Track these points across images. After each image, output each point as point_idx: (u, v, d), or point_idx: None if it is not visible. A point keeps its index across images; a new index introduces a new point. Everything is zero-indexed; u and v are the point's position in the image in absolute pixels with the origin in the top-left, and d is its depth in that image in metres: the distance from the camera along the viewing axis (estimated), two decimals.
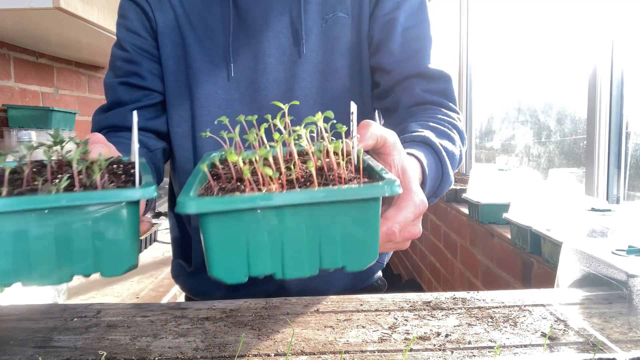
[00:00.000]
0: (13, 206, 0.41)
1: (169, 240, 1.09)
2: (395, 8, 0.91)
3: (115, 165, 0.54)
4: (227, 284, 0.44)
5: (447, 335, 0.62)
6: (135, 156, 0.48)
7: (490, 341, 0.60)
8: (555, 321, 0.66)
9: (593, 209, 1.28)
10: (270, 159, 0.48)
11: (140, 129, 0.91)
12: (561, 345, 0.59)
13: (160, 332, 0.64)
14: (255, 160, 0.46)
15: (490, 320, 0.67)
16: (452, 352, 0.58)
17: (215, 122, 0.68)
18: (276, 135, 0.50)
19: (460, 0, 3.16)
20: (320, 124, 0.52)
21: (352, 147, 0.50)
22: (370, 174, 0.48)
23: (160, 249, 2.06)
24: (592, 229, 0.96)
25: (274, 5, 0.90)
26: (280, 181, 0.46)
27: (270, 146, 0.52)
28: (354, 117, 0.51)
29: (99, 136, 0.60)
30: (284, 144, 0.55)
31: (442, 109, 0.86)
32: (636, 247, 0.78)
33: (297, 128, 0.51)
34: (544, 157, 2.33)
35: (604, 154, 1.67)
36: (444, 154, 0.70)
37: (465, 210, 2.33)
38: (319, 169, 0.49)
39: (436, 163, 0.68)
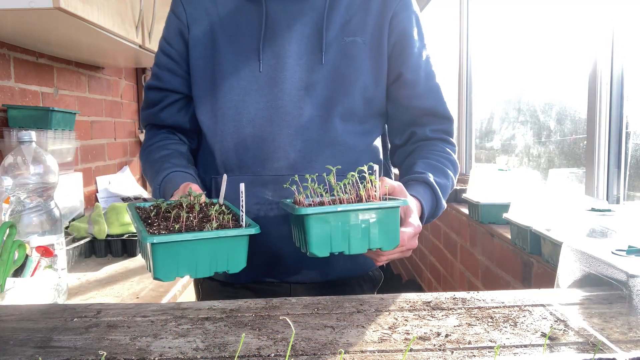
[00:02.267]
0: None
1: None
2: (419, 55, 1.07)
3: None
4: (320, 257, 0.75)
5: (447, 335, 0.62)
6: (243, 210, 0.77)
7: (490, 341, 0.60)
8: (555, 321, 0.66)
9: (593, 209, 1.28)
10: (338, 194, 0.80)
11: (169, 126, 1.15)
12: (561, 345, 0.59)
13: (160, 332, 0.64)
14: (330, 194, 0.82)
15: (490, 320, 0.67)
16: (452, 352, 0.58)
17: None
18: (336, 186, 0.80)
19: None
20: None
21: (376, 191, 0.80)
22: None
23: None
24: (592, 229, 0.96)
25: (298, 18, 1.05)
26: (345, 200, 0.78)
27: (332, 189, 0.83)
28: (376, 173, 0.80)
29: (196, 186, 0.90)
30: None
31: (443, 145, 1.10)
32: (636, 247, 0.78)
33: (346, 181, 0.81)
34: (544, 157, 2.33)
35: (604, 154, 1.67)
36: (439, 190, 0.99)
37: (465, 211, 2.33)
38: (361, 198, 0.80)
39: (431, 197, 0.98)
